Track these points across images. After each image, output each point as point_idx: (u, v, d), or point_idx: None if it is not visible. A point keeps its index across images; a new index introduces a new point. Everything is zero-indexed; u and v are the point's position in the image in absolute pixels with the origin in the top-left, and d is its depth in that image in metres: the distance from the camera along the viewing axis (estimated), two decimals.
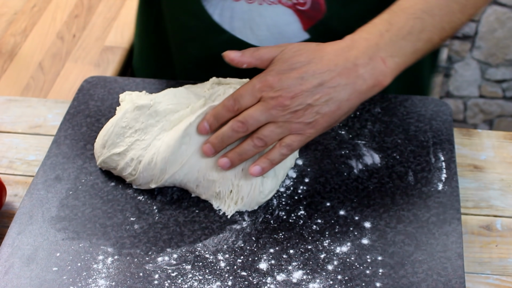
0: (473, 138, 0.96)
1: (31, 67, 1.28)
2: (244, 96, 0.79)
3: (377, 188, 0.84)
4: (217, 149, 0.81)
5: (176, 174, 0.82)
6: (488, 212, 0.87)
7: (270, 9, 0.94)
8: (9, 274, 0.76)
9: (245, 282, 0.75)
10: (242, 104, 0.79)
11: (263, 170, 0.80)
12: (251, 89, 0.79)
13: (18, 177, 0.93)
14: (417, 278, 0.75)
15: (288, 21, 0.96)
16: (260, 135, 0.79)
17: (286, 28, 0.96)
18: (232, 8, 0.96)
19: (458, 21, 0.83)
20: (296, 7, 0.94)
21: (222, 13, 0.97)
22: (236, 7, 0.96)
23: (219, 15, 0.97)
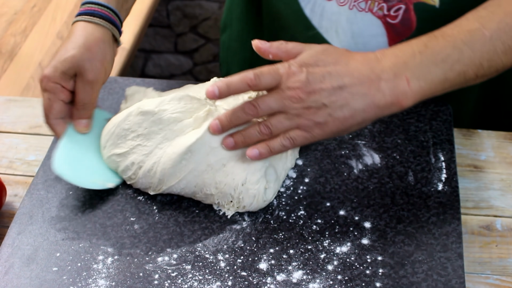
0: (473, 138, 0.96)
1: (31, 67, 1.28)
2: (264, 75, 0.77)
3: (377, 188, 0.84)
4: (224, 127, 0.80)
5: (173, 187, 0.82)
6: (488, 212, 0.87)
7: (359, 15, 0.93)
8: (9, 274, 0.76)
9: (245, 282, 0.75)
10: (260, 81, 0.77)
11: (261, 155, 0.79)
12: (273, 71, 0.77)
13: (18, 177, 0.93)
14: (417, 278, 0.75)
15: (375, 33, 0.94)
16: (267, 122, 0.78)
17: (372, 40, 0.95)
18: (323, 6, 0.95)
19: (499, 62, 0.79)
20: (386, 19, 0.92)
21: (314, 9, 0.96)
22: (327, 6, 0.95)
23: (310, 11, 0.97)
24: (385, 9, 0.91)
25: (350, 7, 0.93)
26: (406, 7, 0.91)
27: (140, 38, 1.40)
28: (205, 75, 2.30)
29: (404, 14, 0.91)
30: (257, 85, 0.77)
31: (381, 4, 0.91)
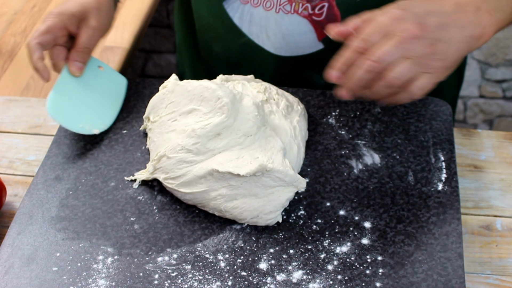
0: (473, 138, 0.96)
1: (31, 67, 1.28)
2: (372, 34, 0.76)
3: (377, 188, 0.84)
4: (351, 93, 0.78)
5: (178, 192, 0.83)
6: (488, 212, 0.87)
7: (286, 18, 0.96)
8: (9, 274, 0.76)
9: (245, 282, 0.75)
10: (372, 43, 0.75)
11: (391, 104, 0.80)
12: (378, 26, 0.76)
13: (18, 177, 0.93)
14: (417, 278, 0.75)
15: (303, 31, 0.97)
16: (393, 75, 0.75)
17: (301, 38, 0.98)
18: (251, 13, 0.98)
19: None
20: (312, 17, 0.96)
21: (242, 16, 0.99)
22: (255, 13, 0.98)
23: (239, 19, 1.00)
24: (310, 8, 0.95)
25: (277, 10, 0.96)
26: (328, 4, 0.94)
27: (140, 38, 1.40)
28: None
29: (328, 11, 0.95)
30: (369, 48, 0.75)
31: (305, 5, 0.94)
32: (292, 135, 0.86)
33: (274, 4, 0.96)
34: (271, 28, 0.98)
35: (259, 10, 0.97)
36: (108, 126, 0.93)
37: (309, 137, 0.91)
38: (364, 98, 0.80)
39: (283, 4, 0.95)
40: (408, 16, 0.76)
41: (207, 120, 0.81)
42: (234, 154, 0.80)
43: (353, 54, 0.76)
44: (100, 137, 0.92)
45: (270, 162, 0.79)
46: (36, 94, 1.21)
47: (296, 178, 0.80)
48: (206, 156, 0.81)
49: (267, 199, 0.79)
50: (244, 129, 0.82)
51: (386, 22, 0.76)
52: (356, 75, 0.76)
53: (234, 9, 0.99)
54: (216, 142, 0.81)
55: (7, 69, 1.27)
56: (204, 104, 0.83)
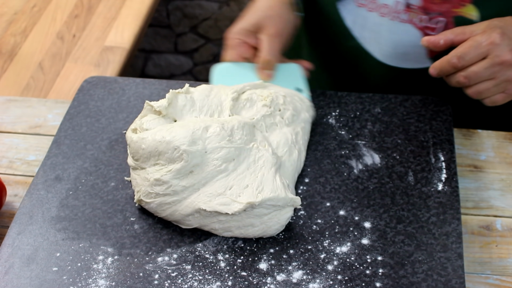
0: (473, 138, 0.96)
1: (31, 67, 1.28)
2: (469, 54, 0.84)
3: (377, 188, 0.84)
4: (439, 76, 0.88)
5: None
6: (488, 212, 0.87)
7: (401, 27, 0.97)
8: (9, 274, 0.76)
9: (245, 282, 0.75)
10: (466, 62, 0.84)
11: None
12: (476, 46, 0.84)
13: (18, 177, 0.93)
14: (417, 278, 0.75)
15: (415, 44, 0.97)
16: (476, 90, 0.86)
17: (412, 50, 0.98)
18: (365, 17, 0.98)
19: None
20: (425, 31, 0.96)
21: (355, 19, 1.00)
22: (369, 17, 0.98)
23: (352, 21, 1.00)
24: (426, 21, 0.95)
25: (392, 18, 0.96)
26: (446, 20, 0.94)
27: (140, 38, 1.40)
28: (205, 75, 2.30)
29: (444, 27, 0.95)
30: (464, 66, 0.85)
31: (421, 16, 0.95)
32: (293, 141, 0.86)
33: (390, 11, 0.96)
34: (383, 35, 0.99)
35: (373, 15, 0.97)
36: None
37: (309, 137, 0.91)
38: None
39: (400, 12, 0.95)
40: (505, 43, 0.83)
41: (168, 167, 0.79)
42: (220, 185, 0.78)
43: (449, 67, 0.86)
44: (100, 137, 0.92)
45: (259, 190, 0.77)
46: (36, 94, 1.21)
47: (289, 199, 0.78)
48: (188, 192, 0.79)
49: (265, 225, 0.78)
50: (221, 157, 0.79)
51: (483, 44, 0.84)
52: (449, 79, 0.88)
53: (348, 11, 0.99)
54: (192, 178, 0.79)
55: (7, 69, 1.27)
56: (162, 157, 0.80)
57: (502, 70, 0.84)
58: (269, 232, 0.78)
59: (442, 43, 0.87)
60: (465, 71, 0.85)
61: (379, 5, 0.96)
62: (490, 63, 0.84)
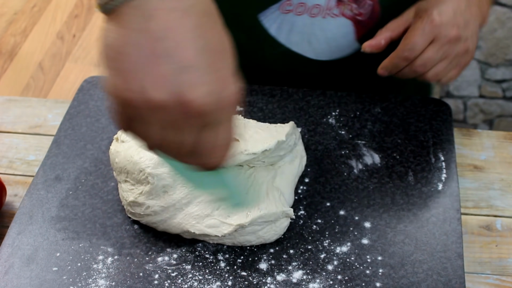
0: (473, 138, 0.96)
1: (31, 67, 1.28)
2: (417, 43, 0.85)
3: (377, 188, 0.84)
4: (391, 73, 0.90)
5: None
6: (488, 212, 0.87)
7: (333, 22, 0.96)
8: (9, 274, 0.76)
9: (245, 282, 0.75)
10: (418, 51, 0.86)
11: None
12: (421, 33, 0.85)
13: (18, 177, 0.93)
14: (417, 278, 0.75)
15: (345, 32, 0.97)
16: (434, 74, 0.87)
17: (343, 40, 0.98)
18: (292, 22, 0.97)
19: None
20: (355, 17, 0.96)
21: (280, 27, 0.98)
22: (297, 21, 0.96)
23: (276, 29, 0.98)
24: (354, 8, 0.95)
25: (324, 16, 0.95)
26: (373, 2, 0.94)
27: None
28: None
29: (371, 10, 0.95)
30: (415, 55, 0.86)
31: (351, 5, 0.94)
32: (290, 146, 0.83)
33: (322, 10, 0.95)
34: (315, 34, 0.97)
35: (302, 18, 0.96)
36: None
37: (309, 137, 0.91)
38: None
39: (332, 8, 0.94)
40: (444, 20, 0.85)
41: (138, 189, 0.79)
42: (206, 205, 0.77)
43: (402, 61, 0.87)
44: (100, 137, 0.92)
45: (248, 211, 0.76)
46: (36, 94, 1.21)
47: (281, 213, 0.77)
48: (170, 212, 0.77)
49: (262, 238, 0.78)
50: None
51: (427, 28, 0.85)
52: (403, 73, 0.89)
53: (271, 20, 0.97)
54: (168, 198, 0.77)
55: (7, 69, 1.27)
56: (130, 176, 0.80)
57: (452, 47, 0.86)
58: (267, 241, 0.78)
59: (384, 43, 0.89)
60: (419, 60, 0.86)
61: (309, 7, 0.95)
62: (440, 44, 0.85)
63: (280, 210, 0.77)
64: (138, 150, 0.79)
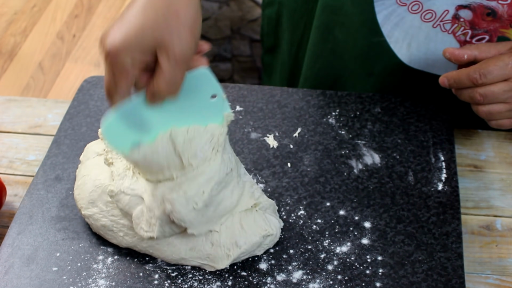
0: (473, 138, 0.96)
1: (31, 67, 1.29)
2: (492, 72, 0.81)
3: (377, 188, 0.84)
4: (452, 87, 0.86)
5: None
6: (488, 212, 0.87)
7: (440, 35, 0.93)
8: (9, 274, 0.76)
9: (245, 282, 0.75)
10: (488, 80, 0.81)
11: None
12: (502, 66, 0.81)
13: (18, 177, 0.93)
14: (417, 278, 0.75)
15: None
16: (487, 110, 0.84)
17: (443, 61, 0.93)
18: (402, 17, 0.93)
19: None
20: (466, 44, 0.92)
21: (389, 17, 0.94)
22: (407, 18, 0.93)
23: (384, 17, 0.94)
24: (469, 35, 0.92)
25: (435, 25, 0.92)
26: (490, 38, 0.91)
27: None
28: None
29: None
30: (483, 83, 0.82)
31: (466, 30, 0.91)
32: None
33: (435, 18, 0.91)
34: (418, 38, 0.94)
35: (414, 18, 0.92)
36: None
37: (309, 137, 0.91)
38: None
39: (445, 21, 0.91)
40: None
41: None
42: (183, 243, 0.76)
43: (467, 80, 0.83)
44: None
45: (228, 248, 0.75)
46: (36, 94, 1.21)
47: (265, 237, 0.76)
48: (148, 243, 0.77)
49: (256, 254, 0.77)
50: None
51: (509, 65, 0.81)
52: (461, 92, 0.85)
53: (383, 6, 0.93)
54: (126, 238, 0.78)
55: (7, 69, 1.27)
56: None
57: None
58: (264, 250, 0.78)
59: (466, 59, 0.85)
60: (482, 89, 0.82)
61: (424, 10, 0.91)
62: (509, 85, 0.81)
63: (263, 234, 0.76)
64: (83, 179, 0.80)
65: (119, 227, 0.77)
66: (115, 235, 0.77)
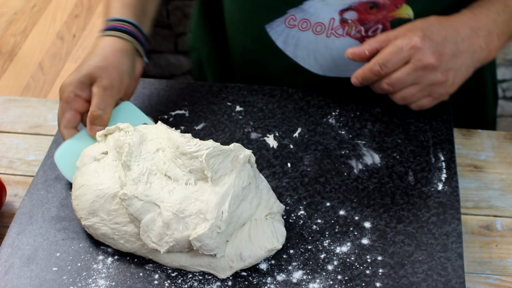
0: (473, 138, 0.96)
1: (31, 67, 1.28)
2: (390, 60, 0.82)
3: (377, 188, 0.84)
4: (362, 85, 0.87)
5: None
6: (488, 212, 0.87)
7: (338, 41, 0.95)
8: (9, 274, 0.76)
9: (245, 282, 0.75)
10: (389, 69, 0.83)
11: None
12: (397, 52, 0.82)
13: (18, 177, 0.93)
14: (417, 278, 0.75)
15: None
16: (401, 96, 0.85)
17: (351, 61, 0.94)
18: (297, 37, 0.96)
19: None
20: (364, 39, 0.94)
21: (287, 40, 0.97)
22: (302, 37, 0.95)
23: (283, 42, 0.97)
24: (363, 31, 0.93)
25: (328, 34, 0.94)
26: (383, 26, 0.92)
27: None
28: None
29: (382, 32, 0.92)
30: (387, 73, 0.83)
31: (358, 28, 0.93)
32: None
33: (325, 29, 0.93)
34: (319, 51, 0.96)
35: (307, 34, 0.95)
36: None
37: (309, 137, 0.91)
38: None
39: (335, 28, 0.93)
40: (426, 46, 0.81)
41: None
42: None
43: (371, 75, 0.84)
44: None
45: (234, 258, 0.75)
46: (36, 94, 1.21)
47: (270, 251, 0.75)
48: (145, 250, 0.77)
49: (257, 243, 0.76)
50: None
51: (404, 48, 0.81)
52: (373, 87, 0.87)
53: (277, 33, 0.96)
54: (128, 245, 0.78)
55: (7, 69, 1.27)
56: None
57: (425, 74, 0.82)
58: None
59: (368, 54, 0.85)
60: (388, 78, 0.83)
61: (313, 24, 0.93)
62: (413, 68, 0.82)
63: (270, 248, 0.75)
64: (83, 188, 0.79)
65: (121, 234, 0.77)
66: (116, 242, 0.77)
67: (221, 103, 0.96)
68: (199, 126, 0.93)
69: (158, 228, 0.73)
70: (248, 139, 0.91)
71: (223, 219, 0.71)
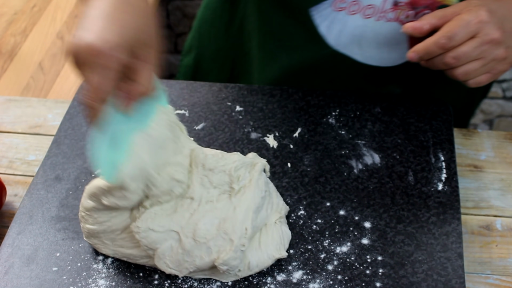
0: (473, 138, 0.96)
1: (31, 67, 1.28)
2: (458, 33, 0.81)
3: (377, 188, 0.84)
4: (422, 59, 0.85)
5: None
6: (488, 212, 0.87)
7: (386, 26, 0.93)
8: (9, 274, 0.76)
9: (245, 282, 0.75)
10: (456, 42, 0.82)
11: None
12: (465, 25, 0.81)
13: (18, 177, 0.93)
14: (417, 278, 0.75)
15: (399, 40, 0.94)
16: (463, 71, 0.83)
17: (395, 47, 0.95)
18: (344, 22, 0.94)
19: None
20: None
21: (331, 25, 0.94)
22: (349, 21, 0.93)
23: (327, 27, 0.95)
24: (413, 16, 0.92)
25: (377, 18, 0.92)
26: (430, 11, 0.91)
27: None
28: None
29: None
30: (453, 46, 0.82)
31: (408, 12, 0.91)
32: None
33: (376, 11, 0.91)
34: (366, 36, 0.94)
35: (355, 18, 0.93)
36: None
37: (309, 137, 0.91)
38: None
39: (387, 11, 0.91)
40: (494, 20, 0.81)
41: None
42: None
43: (436, 48, 0.82)
44: None
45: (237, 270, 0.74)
46: (36, 94, 1.21)
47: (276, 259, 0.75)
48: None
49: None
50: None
51: (472, 22, 0.81)
52: (433, 62, 0.85)
53: (322, 17, 0.94)
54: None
55: (7, 69, 1.27)
56: None
57: (490, 49, 0.82)
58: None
59: (427, 28, 0.85)
60: (454, 52, 0.82)
61: (363, 7, 0.92)
62: (480, 42, 0.82)
63: (277, 257, 0.75)
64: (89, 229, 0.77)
65: (123, 254, 0.76)
66: (115, 256, 0.77)
67: (221, 103, 0.96)
68: (199, 126, 0.93)
69: (177, 255, 0.72)
70: (248, 139, 0.91)
71: (246, 236, 0.71)
